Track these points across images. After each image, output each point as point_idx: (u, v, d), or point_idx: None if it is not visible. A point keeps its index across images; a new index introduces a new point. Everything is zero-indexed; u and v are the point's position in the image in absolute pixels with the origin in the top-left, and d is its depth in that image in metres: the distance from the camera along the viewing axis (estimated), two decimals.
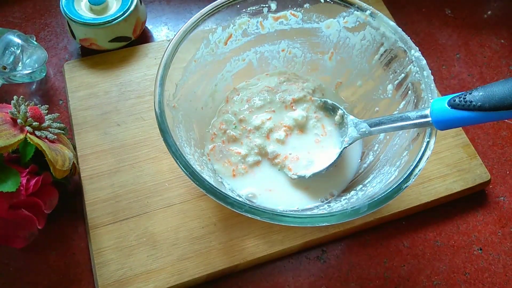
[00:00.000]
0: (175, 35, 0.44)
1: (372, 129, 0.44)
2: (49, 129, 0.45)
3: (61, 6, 0.56)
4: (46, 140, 0.44)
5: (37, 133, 0.43)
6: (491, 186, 0.53)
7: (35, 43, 0.56)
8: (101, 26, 0.56)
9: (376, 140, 0.49)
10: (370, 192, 0.42)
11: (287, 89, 0.53)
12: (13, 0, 0.66)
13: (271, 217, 0.36)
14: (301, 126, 0.51)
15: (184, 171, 0.38)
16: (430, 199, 0.50)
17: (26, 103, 0.44)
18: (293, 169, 0.48)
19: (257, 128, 0.50)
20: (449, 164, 0.52)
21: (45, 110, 0.46)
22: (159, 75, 0.42)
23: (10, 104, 0.44)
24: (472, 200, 0.52)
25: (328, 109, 0.51)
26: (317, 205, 0.47)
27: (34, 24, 0.65)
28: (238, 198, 0.39)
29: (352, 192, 0.45)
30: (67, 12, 0.56)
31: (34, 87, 0.59)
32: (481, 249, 0.50)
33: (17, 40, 0.54)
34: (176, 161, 0.38)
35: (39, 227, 0.43)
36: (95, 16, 0.57)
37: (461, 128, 0.55)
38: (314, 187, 0.49)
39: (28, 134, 0.42)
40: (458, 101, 0.33)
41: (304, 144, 0.50)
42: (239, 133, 0.50)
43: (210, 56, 0.49)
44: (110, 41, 0.58)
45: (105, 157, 0.51)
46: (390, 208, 0.49)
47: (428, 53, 0.64)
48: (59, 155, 0.43)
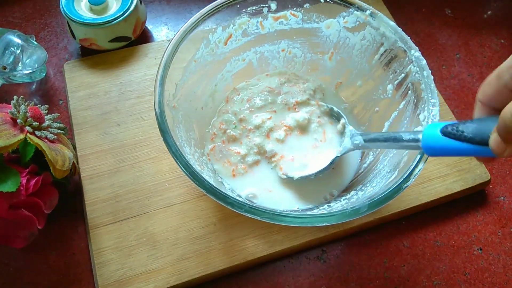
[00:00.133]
0: (175, 35, 0.44)
1: (365, 144, 0.44)
2: (49, 129, 0.45)
3: (61, 6, 0.56)
4: (46, 140, 0.44)
5: (37, 133, 0.43)
6: (491, 186, 0.53)
7: (35, 43, 0.56)
8: (101, 26, 0.56)
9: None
10: (370, 192, 0.42)
11: (289, 91, 0.53)
12: (13, 0, 0.66)
13: (271, 217, 0.36)
14: (302, 128, 0.51)
15: (184, 171, 0.38)
16: (430, 199, 0.50)
17: (26, 103, 0.44)
18: (284, 169, 0.48)
19: (257, 127, 0.50)
20: (449, 164, 0.52)
21: (45, 110, 0.46)
22: (159, 75, 0.42)
23: (10, 104, 0.44)
24: (472, 200, 0.52)
25: (333, 116, 0.51)
26: (317, 205, 0.47)
27: (34, 24, 0.65)
28: (238, 198, 0.39)
29: (352, 192, 0.45)
30: (67, 12, 0.56)
31: (34, 87, 0.59)
32: (481, 249, 0.50)
33: (17, 40, 0.54)
34: (176, 161, 0.38)
35: (39, 227, 0.43)
36: (95, 16, 0.57)
37: None
38: (314, 187, 0.48)
39: (28, 134, 0.42)
40: (450, 129, 0.32)
41: (302, 146, 0.50)
42: (239, 133, 0.50)
43: (210, 56, 0.49)
44: (110, 41, 0.58)
45: (105, 157, 0.51)
46: (390, 208, 0.49)
47: (428, 53, 0.64)
48: (59, 155, 0.43)
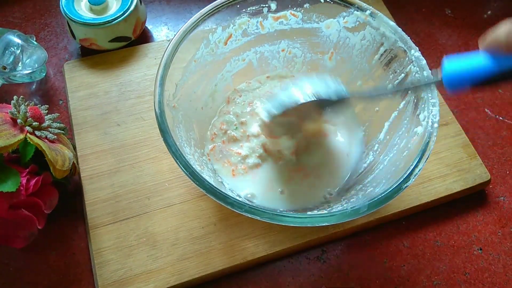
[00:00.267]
0: (175, 35, 0.44)
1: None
2: (49, 129, 0.45)
3: (61, 6, 0.56)
4: (46, 140, 0.44)
5: (37, 133, 0.43)
6: (491, 186, 0.53)
7: (35, 43, 0.56)
8: (101, 26, 0.56)
9: (376, 140, 0.49)
10: (370, 192, 0.42)
11: None
12: (13, 0, 0.66)
13: (271, 217, 0.36)
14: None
15: (184, 171, 0.38)
16: (430, 199, 0.50)
17: (26, 103, 0.44)
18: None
19: (256, 136, 0.50)
20: (449, 164, 0.52)
21: (45, 110, 0.46)
22: (159, 75, 0.42)
23: (10, 104, 0.44)
24: (472, 200, 0.52)
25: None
26: (317, 205, 0.47)
27: (34, 24, 0.65)
28: (238, 198, 0.39)
29: (352, 192, 0.45)
30: (67, 12, 0.56)
31: (34, 87, 0.59)
32: (481, 249, 0.50)
33: (17, 40, 0.54)
34: (176, 161, 0.38)
35: (39, 227, 0.43)
36: (95, 16, 0.56)
37: (461, 128, 0.54)
38: (313, 187, 0.49)
39: (28, 134, 0.42)
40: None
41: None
42: (240, 134, 0.50)
43: (210, 56, 0.49)
44: (110, 41, 0.58)
45: (105, 157, 0.51)
46: (390, 208, 0.49)
47: (428, 53, 0.64)
48: (59, 155, 0.43)
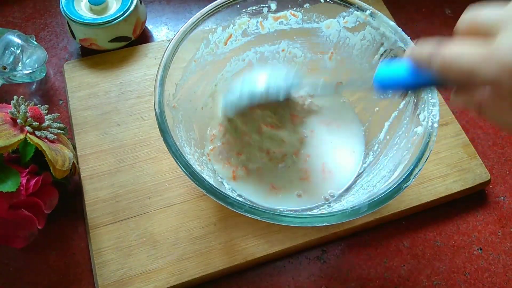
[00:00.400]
0: (175, 35, 0.44)
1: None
2: (49, 129, 0.45)
3: (61, 6, 0.56)
4: (46, 140, 0.44)
5: (37, 133, 0.43)
6: (491, 186, 0.53)
7: (35, 43, 0.56)
8: (101, 26, 0.56)
9: (376, 140, 0.49)
10: (370, 192, 0.42)
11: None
12: (13, 0, 0.66)
13: (271, 217, 0.36)
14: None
15: (184, 171, 0.38)
16: (430, 199, 0.50)
17: (26, 103, 0.44)
18: None
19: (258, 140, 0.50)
20: (449, 164, 0.52)
21: (45, 110, 0.46)
22: (159, 75, 0.42)
23: (10, 104, 0.44)
24: (472, 200, 0.52)
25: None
26: (317, 205, 0.47)
27: (34, 24, 0.65)
28: (238, 198, 0.39)
29: (352, 192, 0.45)
30: (67, 12, 0.56)
31: (34, 87, 0.59)
32: (481, 249, 0.50)
33: (17, 40, 0.54)
34: (176, 161, 0.38)
35: (39, 227, 0.43)
36: (95, 16, 0.56)
37: (461, 128, 0.54)
38: (314, 187, 0.49)
39: (28, 134, 0.42)
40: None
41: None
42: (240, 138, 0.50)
43: (210, 56, 0.49)
44: (110, 41, 0.58)
45: (105, 157, 0.51)
46: (390, 208, 0.49)
47: None
48: (59, 155, 0.43)
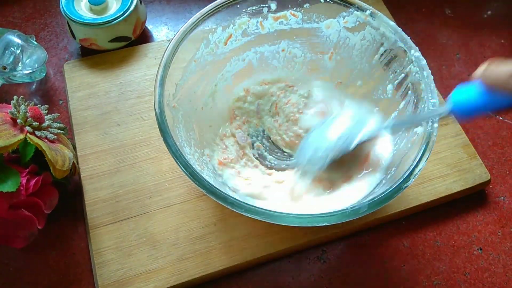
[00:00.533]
0: (175, 35, 0.44)
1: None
2: (49, 129, 0.45)
3: (61, 6, 0.56)
4: (46, 140, 0.44)
5: (37, 133, 0.43)
6: (491, 186, 0.53)
7: (35, 43, 0.56)
8: (101, 26, 0.56)
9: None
10: (370, 192, 0.42)
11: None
12: (13, 0, 0.66)
13: (271, 217, 0.36)
14: None
15: (184, 171, 0.38)
16: (430, 199, 0.50)
17: (26, 103, 0.44)
18: None
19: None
20: (449, 164, 0.52)
21: (45, 110, 0.46)
22: (159, 75, 0.42)
23: (10, 104, 0.44)
24: (472, 200, 0.52)
25: None
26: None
27: (34, 24, 0.65)
28: (238, 198, 0.39)
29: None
30: (67, 12, 0.56)
31: (34, 87, 0.59)
32: (481, 249, 0.50)
33: (17, 40, 0.54)
34: (176, 161, 0.38)
35: (39, 227, 0.43)
36: (95, 16, 0.56)
37: (461, 128, 0.55)
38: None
39: (28, 134, 0.42)
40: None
41: None
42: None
43: (210, 56, 0.49)
44: (110, 41, 0.58)
45: (105, 157, 0.51)
46: (390, 208, 0.49)
47: (428, 53, 0.64)
48: (59, 155, 0.43)
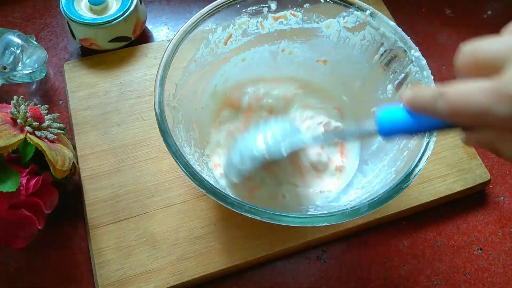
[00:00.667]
0: (175, 35, 0.44)
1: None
2: (49, 129, 0.45)
3: (61, 6, 0.56)
4: (46, 140, 0.44)
5: (37, 133, 0.43)
6: (491, 186, 0.53)
7: (35, 43, 0.56)
8: (101, 26, 0.56)
9: (376, 140, 0.49)
10: (370, 192, 0.42)
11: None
12: (13, 0, 0.66)
13: (271, 217, 0.36)
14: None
15: (184, 171, 0.38)
16: (430, 199, 0.50)
17: (26, 103, 0.44)
18: None
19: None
20: (449, 164, 0.52)
21: (45, 110, 0.46)
22: (159, 75, 0.42)
23: (10, 104, 0.44)
24: (472, 200, 0.52)
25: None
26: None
27: (34, 24, 0.65)
28: (238, 198, 0.39)
29: (352, 192, 0.45)
30: (67, 12, 0.56)
31: (34, 87, 0.59)
32: (481, 249, 0.50)
33: (17, 40, 0.54)
34: (176, 161, 0.38)
35: (39, 227, 0.43)
36: (95, 16, 0.56)
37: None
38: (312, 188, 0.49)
39: (28, 134, 0.42)
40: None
41: None
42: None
43: (210, 56, 0.49)
44: (110, 41, 0.58)
45: (105, 157, 0.51)
46: (390, 208, 0.49)
47: (428, 53, 0.64)
48: (59, 155, 0.43)
